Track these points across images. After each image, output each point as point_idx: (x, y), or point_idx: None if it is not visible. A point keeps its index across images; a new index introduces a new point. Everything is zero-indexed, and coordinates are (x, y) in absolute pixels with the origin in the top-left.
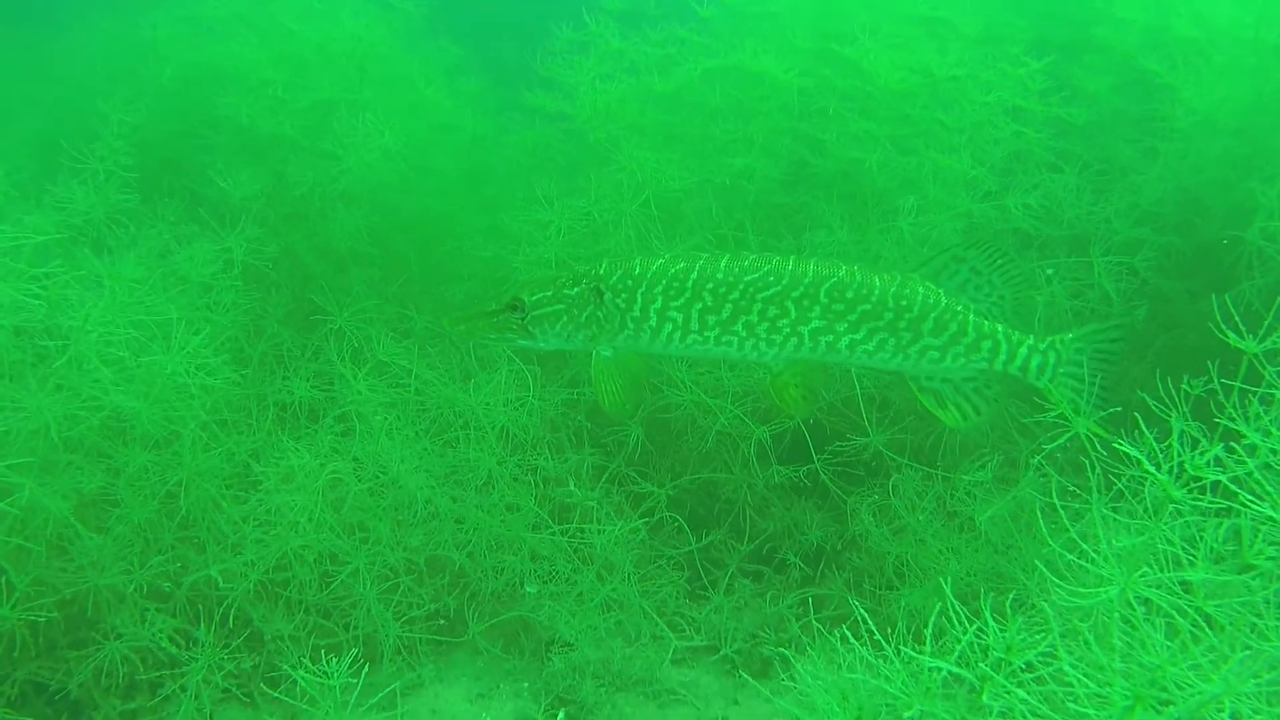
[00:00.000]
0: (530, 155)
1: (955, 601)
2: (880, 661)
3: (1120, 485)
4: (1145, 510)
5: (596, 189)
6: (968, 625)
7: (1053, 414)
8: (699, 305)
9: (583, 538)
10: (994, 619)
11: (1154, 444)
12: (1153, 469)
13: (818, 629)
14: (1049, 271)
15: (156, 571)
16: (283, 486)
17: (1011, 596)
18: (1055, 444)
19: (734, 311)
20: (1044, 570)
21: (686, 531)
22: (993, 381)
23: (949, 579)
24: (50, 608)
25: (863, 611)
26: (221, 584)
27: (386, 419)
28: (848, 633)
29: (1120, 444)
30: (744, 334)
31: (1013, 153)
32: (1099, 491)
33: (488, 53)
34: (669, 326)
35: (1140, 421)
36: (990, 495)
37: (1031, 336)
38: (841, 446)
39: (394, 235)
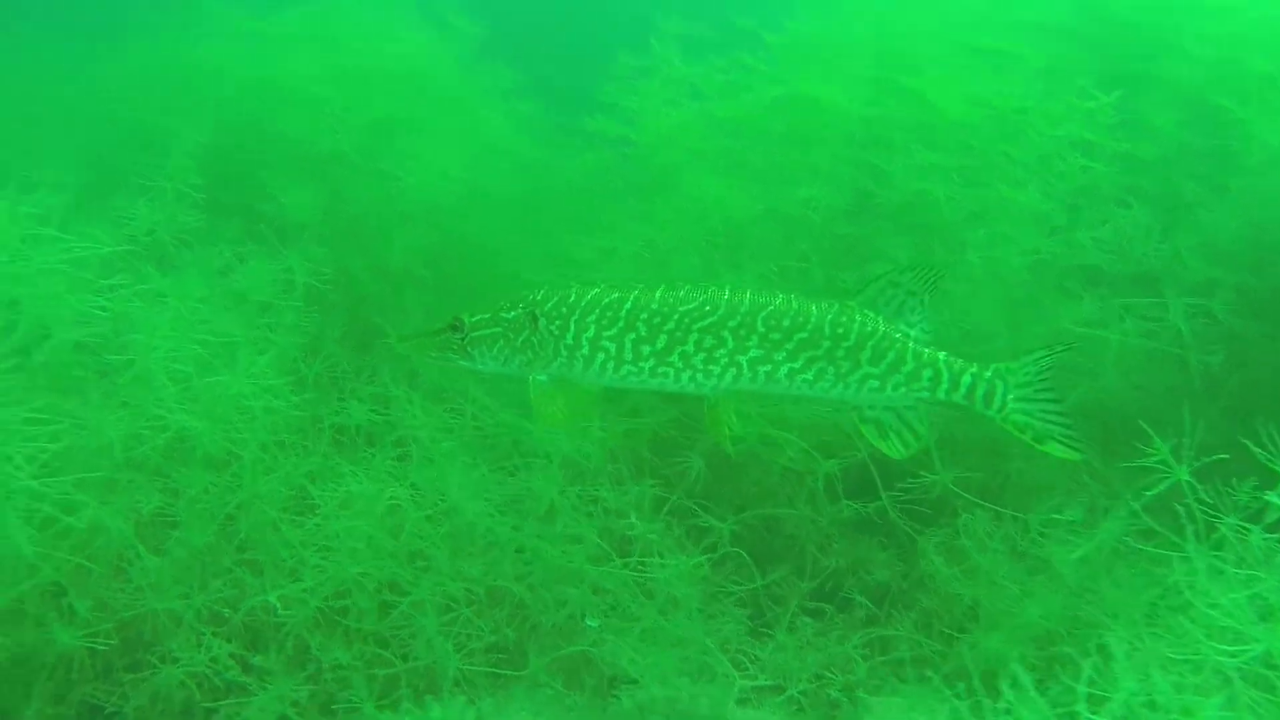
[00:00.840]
0: (588, 179)
1: (1029, 646)
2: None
3: (1224, 530)
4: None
5: (661, 215)
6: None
7: (1153, 458)
8: (632, 335)
9: (645, 571)
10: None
11: None
12: None
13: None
14: None
15: (215, 596)
16: (341, 511)
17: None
18: (1156, 489)
19: (669, 342)
20: (1137, 618)
21: (751, 567)
22: (931, 409)
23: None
24: (110, 632)
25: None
26: (281, 610)
27: (449, 445)
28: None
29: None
30: (680, 365)
31: (1079, 187)
32: (1197, 539)
33: (539, 76)
34: (602, 356)
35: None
36: (1066, 537)
37: (975, 365)
38: (908, 484)
39: (449, 257)
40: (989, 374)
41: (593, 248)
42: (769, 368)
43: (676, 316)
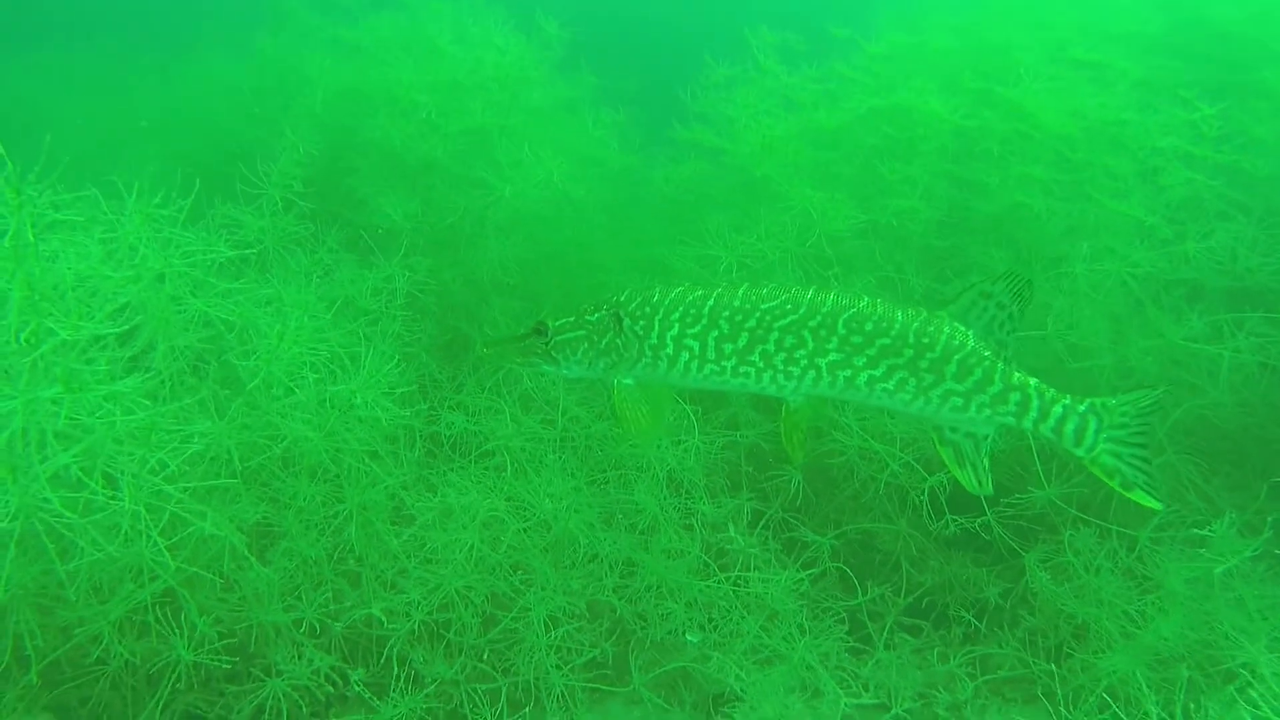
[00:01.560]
0: (682, 189)
1: (1149, 670)
2: None
3: None
4: None
5: (761, 226)
6: None
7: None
8: (715, 333)
9: (746, 586)
10: None
11: None
12: None
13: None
14: None
15: (320, 609)
16: (442, 523)
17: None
18: None
19: (750, 340)
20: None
21: (855, 583)
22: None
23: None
24: (219, 645)
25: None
26: (386, 623)
27: (549, 458)
28: None
29: None
30: (761, 364)
31: (1181, 200)
32: None
33: (624, 85)
34: (685, 355)
35: None
36: (1178, 555)
37: (1068, 396)
38: (1012, 500)
39: (538, 266)
40: (1083, 408)
41: (691, 257)
42: (848, 373)
43: (758, 314)
